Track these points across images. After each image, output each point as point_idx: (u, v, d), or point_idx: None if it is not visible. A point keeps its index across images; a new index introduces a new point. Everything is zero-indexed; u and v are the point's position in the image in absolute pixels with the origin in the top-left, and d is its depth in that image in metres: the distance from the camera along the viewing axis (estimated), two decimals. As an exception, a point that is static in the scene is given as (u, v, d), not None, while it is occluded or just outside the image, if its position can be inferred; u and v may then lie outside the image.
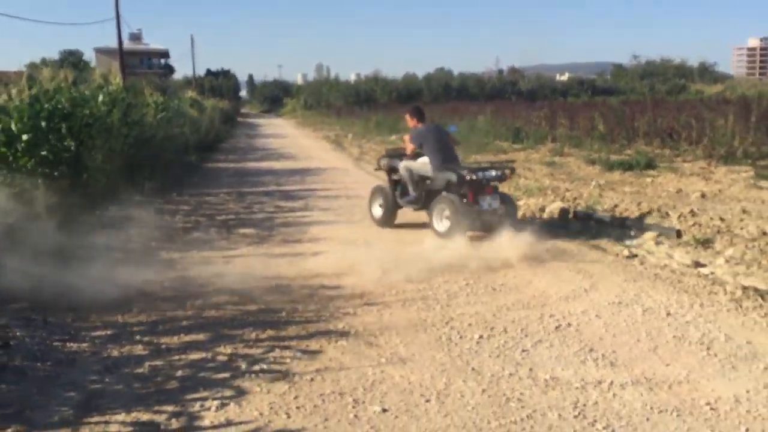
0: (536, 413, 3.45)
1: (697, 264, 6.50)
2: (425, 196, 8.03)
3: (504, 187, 11.86)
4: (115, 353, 4.30)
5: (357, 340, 4.53)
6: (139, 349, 4.37)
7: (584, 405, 3.54)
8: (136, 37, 66.77)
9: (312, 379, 3.91)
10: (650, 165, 13.60)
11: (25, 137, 7.14)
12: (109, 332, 4.66)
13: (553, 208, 9.44)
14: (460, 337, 4.57)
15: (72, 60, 54.90)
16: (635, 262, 6.59)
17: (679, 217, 8.35)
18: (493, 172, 7.61)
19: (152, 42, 72.57)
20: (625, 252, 7.02)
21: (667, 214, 8.60)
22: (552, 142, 19.66)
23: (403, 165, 8.31)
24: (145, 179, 11.25)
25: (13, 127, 7.12)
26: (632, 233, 7.88)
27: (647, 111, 18.99)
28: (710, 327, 4.70)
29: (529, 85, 63.62)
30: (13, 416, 3.38)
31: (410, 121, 8.52)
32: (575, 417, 3.41)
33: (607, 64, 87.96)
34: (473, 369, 4.04)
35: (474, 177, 7.37)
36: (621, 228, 8.14)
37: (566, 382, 3.82)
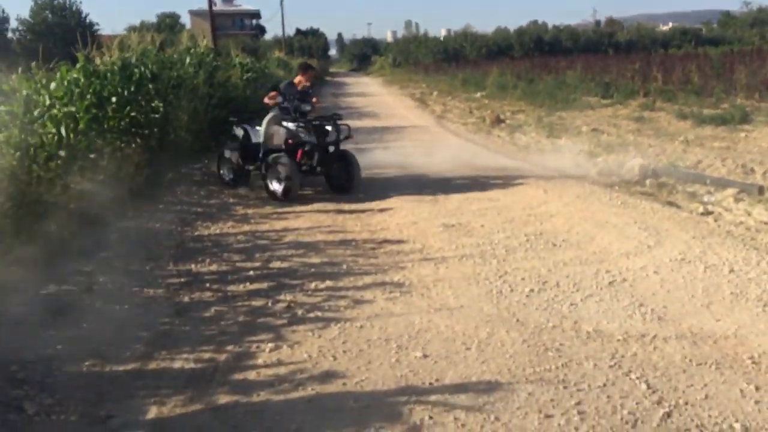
0: (572, 362, 3.53)
1: (776, 221, 6.24)
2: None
3: (585, 143, 11.65)
4: (186, 299, 4.67)
5: (410, 291, 4.70)
6: (207, 296, 4.73)
7: (622, 356, 3.58)
8: (228, -1, 68.39)
9: (361, 326, 4.13)
10: (745, 119, 12.89)
11: (114, 99, 7.64)
12: (182, 280, 5.05)
13: (633, 164, 9.18)
14: (511, 291, 4.66)
15: (169, 22, 56.81)
16: (709, 219, 6.39)
17: (765, 173, 7.97)
18: None
19: (244, 3, 73.82)
20: (700, 209, 6.82)
21: (752, 170, 8.22)
22: (644, 96, 18.84)
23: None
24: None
25: (104, 90, 7.62)
26: (712, 190, 7.61)
27: (750, 62, 17.85)
28: (773, 285, 4.56)
29: (627, 36, 60.39)
30: (90, 352, 3.78)
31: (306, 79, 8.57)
32: (610, 367, 3.46)
33: (716, 12, 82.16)
34: (518, 320, 4.14)
35: None
36: (701, 184, 7.86)
37: (609, 335, 3.86)
